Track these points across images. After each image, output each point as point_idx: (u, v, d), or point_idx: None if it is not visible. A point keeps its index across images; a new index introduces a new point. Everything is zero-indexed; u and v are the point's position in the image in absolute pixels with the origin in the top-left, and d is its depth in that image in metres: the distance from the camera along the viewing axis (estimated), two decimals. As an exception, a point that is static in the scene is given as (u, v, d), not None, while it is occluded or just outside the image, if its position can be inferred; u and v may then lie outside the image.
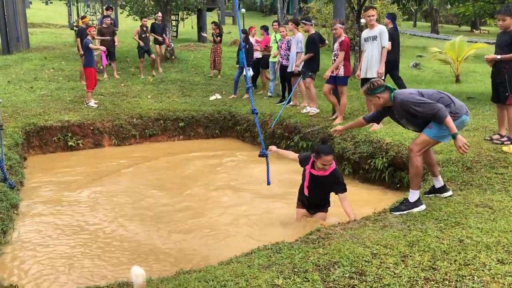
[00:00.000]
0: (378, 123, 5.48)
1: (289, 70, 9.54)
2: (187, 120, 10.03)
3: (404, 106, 4.17)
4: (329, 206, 4.95)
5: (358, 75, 7.56)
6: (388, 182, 6.35)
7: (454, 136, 4.09)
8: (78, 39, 11.95)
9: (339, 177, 4.70)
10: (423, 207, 4.32)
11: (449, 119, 4.06)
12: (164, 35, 13.83)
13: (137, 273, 2.30)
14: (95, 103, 9.95)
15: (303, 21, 8.67)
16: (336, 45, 7.71)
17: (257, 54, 11.68)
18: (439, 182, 4.67)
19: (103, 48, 11.12)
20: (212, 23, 13.77)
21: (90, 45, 9.87)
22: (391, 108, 4.33)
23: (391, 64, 8.38)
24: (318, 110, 8.57)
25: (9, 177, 5.95)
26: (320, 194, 4.82)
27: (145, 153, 8.86)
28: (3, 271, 4.21)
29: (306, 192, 4.77)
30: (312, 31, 8.67)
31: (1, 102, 6.07)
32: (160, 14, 13.79)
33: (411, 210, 4.30)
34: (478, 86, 11.07)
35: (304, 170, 4.79)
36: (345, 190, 4.65)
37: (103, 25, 12.71)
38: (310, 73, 8.46)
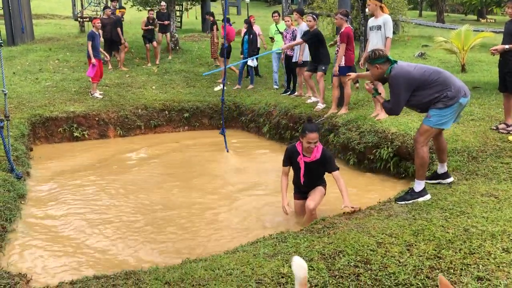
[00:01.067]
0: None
1: (294, 60, 9.51)
2: (191, 110, 10.04)
3: (390, 81, 4.25)
4: (326, 185, 5.01)
5: (361, 64, 7.50)
6: (393, 172, 6.34)
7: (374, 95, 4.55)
8: (119, 29, 12.62)
9: (331, 156, 4.85)
10: (428, 196, 4.33)
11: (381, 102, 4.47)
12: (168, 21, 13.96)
13: (299, 265, 2.11)
14: (100, 94, 9.97)
15: (313, 16, 8.47)
16: (338, 38, 7.67)
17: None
18: (443, 169, 4.71)
19: (108, 57, 11.61)
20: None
21: (92, 58, 9.87)
22: (387, 79, 4.31)
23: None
24: (324, 105, 8.43)
25: (16, 167, 5.99)
26: (315, 179, 4.90)
27: (150, 144, 8.88)
28: (11, 260, 4.25)
29: (302, 181, 4.81)
30: (315, 27, 8.50)
31: (7, 94, 6.09)
32: (163, 3, 13.87)
33: (416, 199, 4.31)
34: (484, 76, 10.98)
35: (298, 163, 4.78)
36: (338, 168, 4.77)
37: (104, 16, 12.73)
38: (323, 67, 8.37)
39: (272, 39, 11.58)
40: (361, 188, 6.10)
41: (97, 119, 9.18)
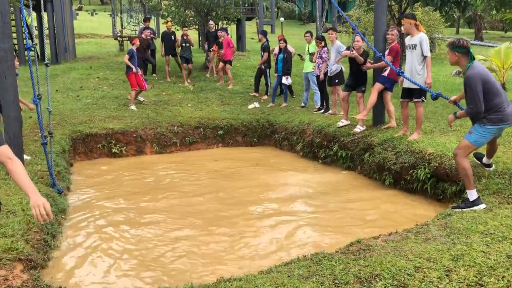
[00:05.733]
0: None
1: (322, 78, 9.54)
2: (226, 128, 10.15)
3: (467, 81, 4.43)
4: None
5: (400, 82, 7.41)
6: (430, 193, 6.21)
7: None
8: (163, 43, 13.74)
9: None
10: (483, 206, 4.51)
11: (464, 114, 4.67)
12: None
13: None
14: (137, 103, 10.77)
15: (361, 35, 8.37)
16: (387, 51, 7.60)
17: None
18: (488, 161, 5.17)
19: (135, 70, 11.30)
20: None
21: (126, 59, 10.61)
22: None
23: None
24: (364, 128, 8.16)
25: (57, 182, 6.20)
26: None
27: (187, 161, 9.01)
28: (52, 274, 4.38)
29: None
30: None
31: (51, 111, 6.35)
32: (212, 22, 14.71)
33: (471, 208, 4.50)
34: (525, 95, 10.66)
35: None
36: None
37: (142, 35, 13.15)
38: (362, 87, 8.29)
39: (300, 56, 11.60)
40: (397, 209, 5.99)
41: (134, 135, 9.40)
